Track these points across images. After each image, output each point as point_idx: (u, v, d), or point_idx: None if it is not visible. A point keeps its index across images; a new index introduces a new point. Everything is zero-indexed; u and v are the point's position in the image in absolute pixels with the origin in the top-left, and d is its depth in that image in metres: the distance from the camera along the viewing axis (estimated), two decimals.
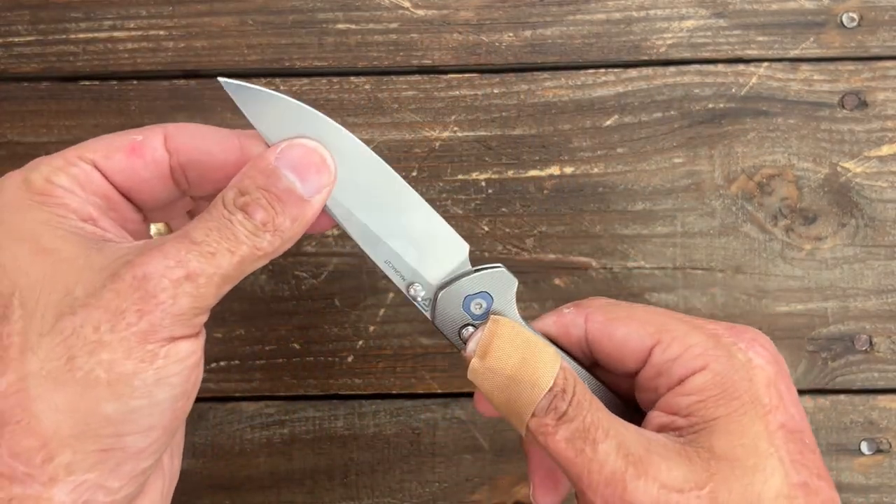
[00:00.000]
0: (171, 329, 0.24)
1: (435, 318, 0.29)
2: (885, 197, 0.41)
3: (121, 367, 0.24)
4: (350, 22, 0.42)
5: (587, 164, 0.41)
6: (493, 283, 0.29)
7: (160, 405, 0.25)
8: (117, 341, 0.24)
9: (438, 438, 0.41)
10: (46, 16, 0.42)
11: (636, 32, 0.41)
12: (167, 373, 0.25)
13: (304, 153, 0.28)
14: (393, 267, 0.29)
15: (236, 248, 0.26)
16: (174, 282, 0.24)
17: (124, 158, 0.28)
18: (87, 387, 0.24)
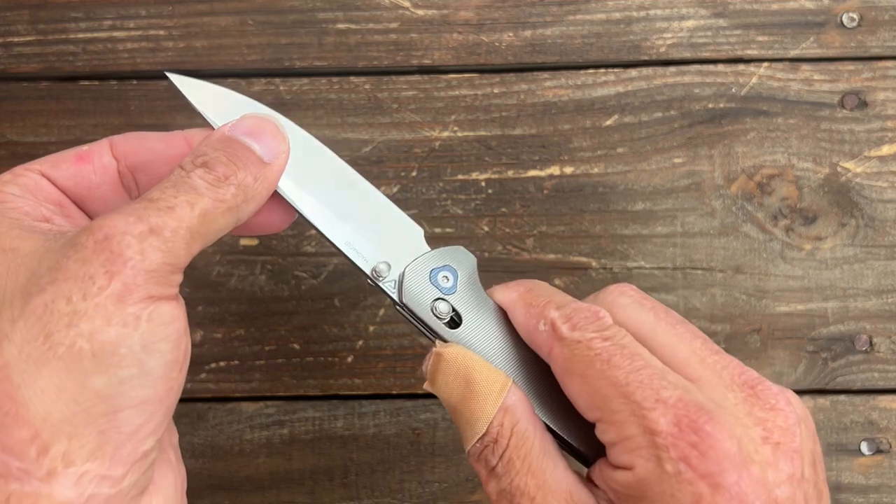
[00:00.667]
0: (146, 287, 0.23)
1: (403, 296, 0.29)
2: (886, 197, 0.41)
3: (103, 334, 0.23)
4: (350, 22, 0.42)
5: (587, 164, 0.41)
6: (455, 259, 0.29)
7: (151, 374, 0.24)
8: (93, 308, 0.23)
9: (438, 438, 0.41)
10: (46, 15, 0.42)
11: (636, 32, 0.41)
12: (154, 337, 0.24)
13: (257, 122, 0.28)
14: (354, 249, 0.29)
15: (196, 200, 0.25)
16: (138, 237, 0.23)
17: (72, 166, 0.28)
18: (72, 361, 0.22)
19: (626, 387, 0.25)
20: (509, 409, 0.27)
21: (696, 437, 0.24)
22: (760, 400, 0.26)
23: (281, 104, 0.41)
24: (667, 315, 0.28)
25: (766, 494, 0.24)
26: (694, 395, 0.25)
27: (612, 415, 0.25)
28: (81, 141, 0.42)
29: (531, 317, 0.28)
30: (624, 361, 0.26)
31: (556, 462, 0.27)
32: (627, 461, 0.25)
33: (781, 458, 0.25)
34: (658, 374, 0.25)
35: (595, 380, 0.26)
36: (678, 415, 0.24)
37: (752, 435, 0.25)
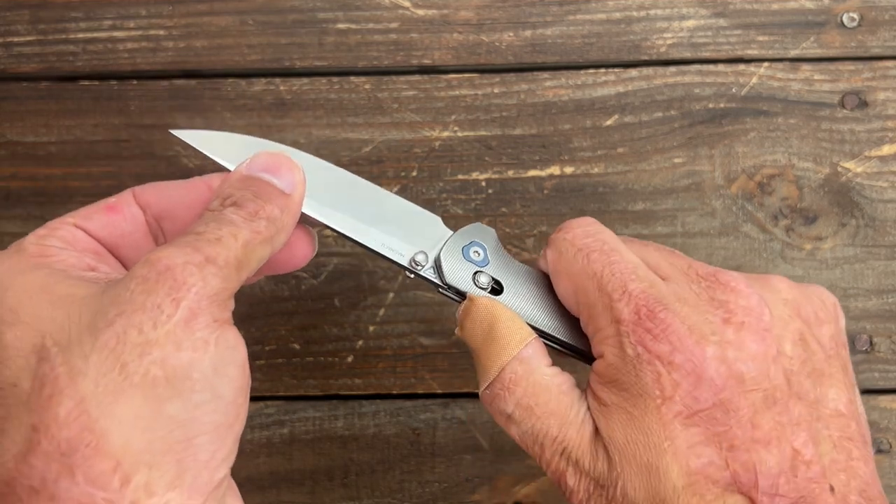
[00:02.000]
0: (210, 312, 0.25)
1: (445, 278, 0.31)
2: (886, 197, 0.41)
3: (175, 359, 0.23)
4: (350, 21, 0.41)
5: (587, 164, 0.41)
6: (479, 234, 0.31)
7: (223, 398, 0.24)
8: (164, 336, 0.23)
9: (438, 439, 0.41)
10: (46, 15, 0.42)
11: (636, 32, 0.41)
12: (223, 361, 0.24)
13: (270, 158, 0.29)
14: (390, 248, 0.31)
15: (237, 232, 0.26)
16: (198, 266, 0.24)
17: (104, 216, 0.29)
18: (147, 389, 0.23)
19: (601, 279, 0.27)
20: (524, 360, 0.28)
21: (651, 323, 0.26)
22: (721, 284, 0.28)
23: (281, 104, 0.41)
24: (637, 240, 0.31)
25: (726, 368, 0.26)
26: (657, 289, 0.27)
27: (589, 308, 0.28)
28: (82, 141, 0.42)
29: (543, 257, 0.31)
30: (602, 256, 0.28)
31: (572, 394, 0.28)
32: (600, 350, 0.27)
33: (747, 337, 0.26)
34: (630, 268, 0.28)
35: (577, 276, 0.28)
36: (638, 305, 0.27)
37: (712, 318, 0.27)
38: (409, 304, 0.41)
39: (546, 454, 0.28)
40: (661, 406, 0.26)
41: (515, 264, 0.31)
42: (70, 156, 0.41)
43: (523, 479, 0.41)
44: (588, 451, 0.27)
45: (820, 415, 0.27)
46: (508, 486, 0.41)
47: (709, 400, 0.26)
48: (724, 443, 0.25)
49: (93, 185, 0.41)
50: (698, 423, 0.26)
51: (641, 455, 0.26)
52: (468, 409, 0.41)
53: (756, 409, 0.26)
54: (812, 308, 0.29)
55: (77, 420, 0.23)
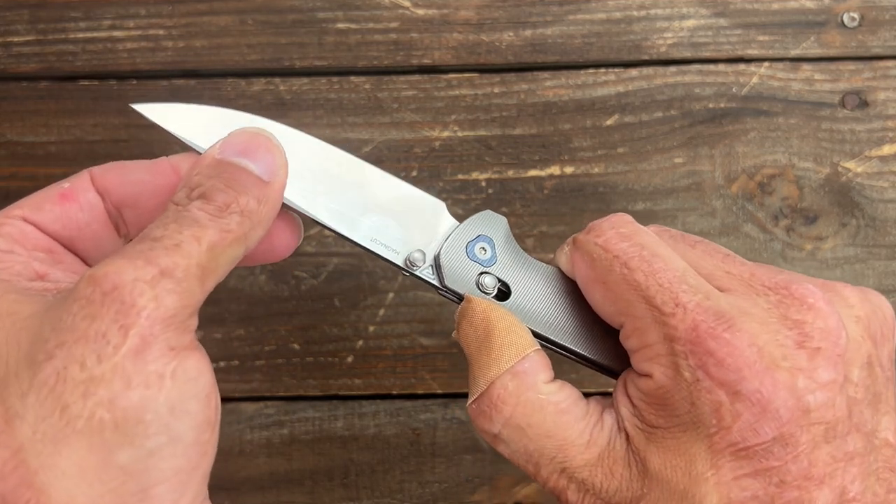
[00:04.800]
0: (165, 338, 0.21)
1: (445, 279, 0.27)
2: (886, 197, 0.41)
3: (124, 399, 0.20)
4: (350, 21, 0.41)
5: (588, 164, 0.41)
6: (487, 226, 0.28)
7: (182, 440, 0.21)
8: (111, 371, 0.20)
9: (438, 439, 0.41)
10: (45, 15, 0.42)
11: (637, 32, 0.41)
12: (182, 397, 0.21)
13: (247, 138, 0.25)
14: (382, 244, 0.27)
15: (202, 234, 0.22)
16: (150, 282, 0.21)
17: (56, 206, 0.25)
18: (93, 435, 0.20)
19: (647, 290, 0.24)
20: (519, 374, 0.25)
21: (713, 343, 0.23)
22: (797, 300, 0.24)
23: (281, 104, 0.41)
24: (684, 235, 0.27)
25: (795, 401, 0.23)
26: (715, 301, 0.24)
27: (633, 321, 0.25)
28: (81, 141, 0.42)
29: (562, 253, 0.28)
30: (642, 264, 0.24)
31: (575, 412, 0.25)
32: (648, 368, 0.24)
33: (820, 364, 0.23)
34: (678, 276, 0.24)
35: (615, 285, 0.25)
36: (696, 321, 0.23)
37: (784, 340, 0.23)
38: (409, 305, 0.41)
39: (542, 473, 0.25)
40: (714, 435, 0.23)
41: (528, 262, 0.28)
42: (69, 156, 0.41)
43: (524, 479, 0.41)
44: (599, 470, 0.25)
45: (873, 446, 0.25)
46: (509, 486, 0.41)
47: (769, 434, 0.23)
48: (774, 477, 0.23)
49: None
50: (751, 455, 0.23)
51: (679, 481, 0.23)
52: None
53: (815, 443, 0.23)
54: (878, 324, 0.26)
55: (14, 473, 0.20)
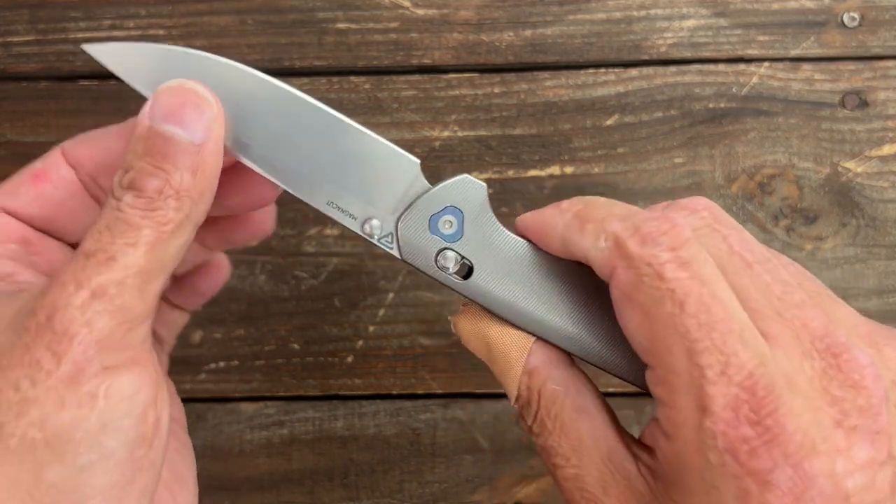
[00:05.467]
0: (101, 359, 0.21)
1: (402, 251, 0.25)
2: (886, 197, 0.41)
3: (56, 419, 0.20)
4: (350, 21, 0.41)
5: (588, 164, 0.41)
6: (459, 195, 0.25)
7: (113, 456, 0.21)
8: (44, 393, 0.20)
9: (438, 439, 0.41)
10: (45, 15, 0.42)
11: (637, 32, 0.41)
12: (113, 415, 0.21)
13: (171, 96, 0.23)
14: (338, 207, 0.25)
15: (136, 237, 0.22)
16: (81, 307, 0.21)
17: (30, 188, 0.25)
18: (24, 453, 0.20)
19: (694, 343, 0.21)
20: (533, 372, 0.25)
21: (752, 431, 0.20)
22: (842, 373, 0.21)
23: None
24: (743, 246, 0.24)
25: (833, 487, 0.20)
26: (768, 369, 0.20)
27: (668, 371, 0.21)
28: None
29: (589, 234, 0.23)
30: (700, 309, 0.21)
31: (595, 419, 0.24)
32: (670, 430, 0.21)
33: (857, 443, 0.20)
34: (736, 333, 0.21)
35: (661, 323, 0.21)
36: (739, 399, 0.20)
37: (823, 419, 0.20)
38: (409, 305, 0.41)
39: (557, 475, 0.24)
40: None
41: (502, 237, 0.25)
42: None
43: (524, 479, 0.41)
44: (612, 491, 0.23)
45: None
46: (509, 486, 0.41)
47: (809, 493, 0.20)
48: None
49: None
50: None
51: None
52: (468, 410, 0.41)
53: None
54: None
55: None
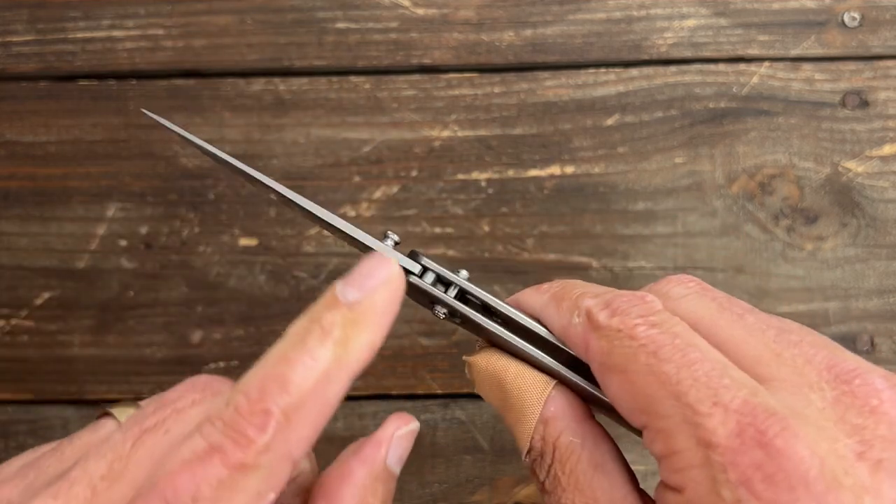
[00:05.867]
0: None
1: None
2: (887, 197, 0.41)
3: None
4: (350, 21, 0.41)
5: (588, 164, 0.41)
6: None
7: None
8: None
9: (438, 439, 0.41)
10: (45, 15, 0.41)
11: (637, 31, 0.41)
12: None
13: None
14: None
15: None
16: None
17: None
18: None
19: (678, 385, 0.20)
20: (549, 421, 0.23)
21: (762, 453, 0.18)
22: (858, 400, 0.20)
23: (280, 104, 0.41)
24: (731, 304, 0.23)
25: None
26: (763, 398, 0.19)
27: (659, 420, 0.20)
28: (81, 141, 0.41)
29: (564, 311, 0.24)
30: (675, 354, 0.21)
31: (613, 477, 0.23)
32: (678, 481, 0.20)
33: (885, 480, 0.18)
34: (718, 369, 0.20)
35: (639, 376, 0.21)
36: (742, 423, 0.19)
37: (843, 450, 0.19)
38: (409, 305, 0.41)
39: None
40: None
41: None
42: (69, 155, 0.41)
43: (524, 479, 0.41)
44: None
45: None
46: (509, 486, 0.41)
47: None
48: None
49: (91, 184, 0.41)
50: None
51: None
52: (468, 410, 0.41)
53: None
54: None
55: None
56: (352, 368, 0.21)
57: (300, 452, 0.21)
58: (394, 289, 0.22)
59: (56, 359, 0.41)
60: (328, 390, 0.21)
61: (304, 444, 0.21)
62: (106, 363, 0.41)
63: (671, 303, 0.24)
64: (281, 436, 0.20)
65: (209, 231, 0.41)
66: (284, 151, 0.41)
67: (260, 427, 0.19)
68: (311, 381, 0.20)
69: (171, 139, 0.41)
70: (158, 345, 0.41)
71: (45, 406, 0.41)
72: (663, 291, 0.24)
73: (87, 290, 0.41)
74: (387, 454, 0.24)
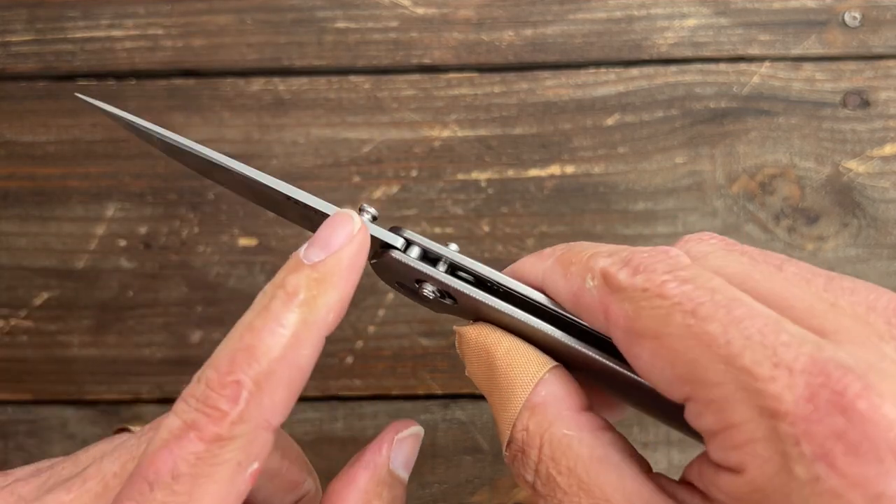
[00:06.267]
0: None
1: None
2: (888, 197, 0.41)
3: None
4: (349, 20, 0.41)
5: (588, 164, 0.41)
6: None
7: None
8: None
9: (438, 440, 0.41)
10: (44, 14, 0.41)
11: (637, 31, 0.41)
12: None
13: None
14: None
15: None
16: None
17: None
18: None
19: (727, 346, 0.17)
20: (537, 409, 0.20)
21: (842, 419, 0.15)
22: None
23: (280, 103, 0.41)
24: (765, 257, 0.20)
25: None
26: (832, 353, 0.16)
27: (707, 390, 0.17)
28: (80, 141, 0.41)
29: (574, 276, 0.21)
30: (717, 310, 0.17)
31: (621, 469, 0.19)
32: (736, 460, 0.17)
33: None
34: (771, 324, 0.17)
35: (677, 340, 0.18)
36: (812, 385, 0.16)
37: None
38: (408, 305, 0.41)
39: None
40: None
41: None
42: (68, 155, 0.41)
43: None
44: None
45: None
46: (509, 487, 0.40)
47: None
48: None
49: (91, 184, 0.41)
50: None
51: None
52: (468, 410, 0.41)
53: None
54: None
55: None
56: (321, 328, 0.22)
57: (277, 419, 0.21)
58: (358, 243, 0.22)
59: (55, 359, 0.41)
60: (298, 354, 0.21)
61: (279, 409, 0.21)
62: (105, 363, 0.41)
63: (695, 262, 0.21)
64: (254, 404, 0.20)
65: (209, 231, 0.41)
66: (284, 151, 0.41)
67: (231, 398, 0.20)
68: (279, 346, 0.21)
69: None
70: (158, 345, 0.41)
71: (44, 406, 0.41)
72: (683, 251, 0.21)
73: (86, 290, 0.41)
74: (389, 457, 0.24)
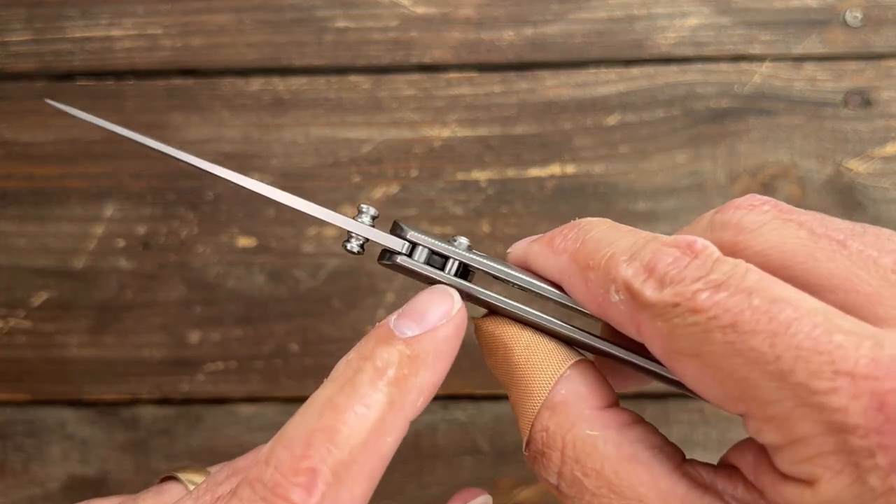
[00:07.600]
0: None
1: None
2: (889, 197, 0.41)
3: None
4: (349, 20, 0.41)
5: (589, 164, 0.41)
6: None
7: None
8: None
9: (438, 441, 0.40)
10: (42, 14, 0.41)
11: (638, 30, 0.41)
12: None
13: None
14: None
15: None
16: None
17: None
18: None
19: (778, 362, 0.16)
20: (558, 408, 0.19)
21: None
22: None
23: (279, 103, 0.41)
24: (827, 228, 0.18)
25: None
26: (893, 349, 0.15)
27: (764, 408, 0.16)
28: (79, 140, 0.41)
29: (595, 286, 0.19)
30: (760, 320, 0.16)
31: (652, 466, 0.18)
32: (807, 472, 0.16)
33: None
34: (822, 324, 0.16)
35: (721, 359, 0.16)
36: (879, 392, 0.15)
37: None
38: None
39: None
40: None
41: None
42: (67, 155, 0.41)
43: (524, 481, 0.40)
44: None
45: None
46: (509, 488, 0.40)
47: None
48: None
49: (90, 184, 0.41)
50: None
51: None
52: (468, 411, 0.41)
53: None
54: None
55: None
56: (408, 414, 0.19)
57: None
58: (457, 324, 0.20)
59: (54, 359, 0.41)
60: (382, 442, 0.19)
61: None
62: (104, 364, 0.41)
63: (746, 236, 0.19)
64: (331, 498, 0.18)
65: (208, 231, 0.41)
66: (283, 151, 0.41)
67: (306, 488, 0.17)
68: (363, 432, 0.18)
69: (169, 138, 0.41)
70: (156, 345, 0.40)
71: (42, 407, 0.41)
72: (732, 222, 0.19)
73: (84, 290, 0.41)
74: None
